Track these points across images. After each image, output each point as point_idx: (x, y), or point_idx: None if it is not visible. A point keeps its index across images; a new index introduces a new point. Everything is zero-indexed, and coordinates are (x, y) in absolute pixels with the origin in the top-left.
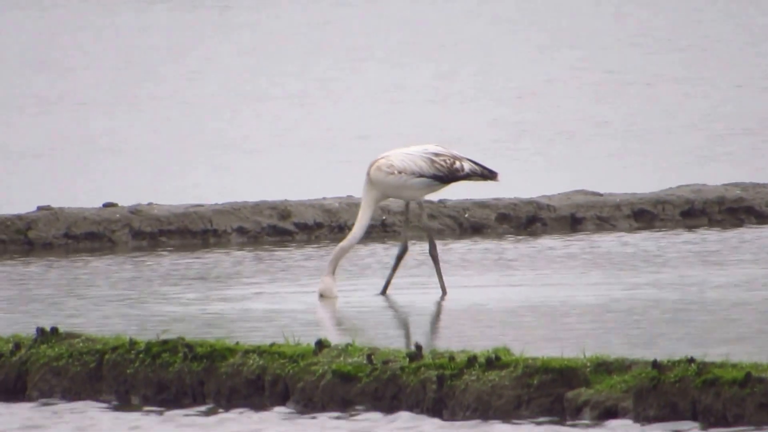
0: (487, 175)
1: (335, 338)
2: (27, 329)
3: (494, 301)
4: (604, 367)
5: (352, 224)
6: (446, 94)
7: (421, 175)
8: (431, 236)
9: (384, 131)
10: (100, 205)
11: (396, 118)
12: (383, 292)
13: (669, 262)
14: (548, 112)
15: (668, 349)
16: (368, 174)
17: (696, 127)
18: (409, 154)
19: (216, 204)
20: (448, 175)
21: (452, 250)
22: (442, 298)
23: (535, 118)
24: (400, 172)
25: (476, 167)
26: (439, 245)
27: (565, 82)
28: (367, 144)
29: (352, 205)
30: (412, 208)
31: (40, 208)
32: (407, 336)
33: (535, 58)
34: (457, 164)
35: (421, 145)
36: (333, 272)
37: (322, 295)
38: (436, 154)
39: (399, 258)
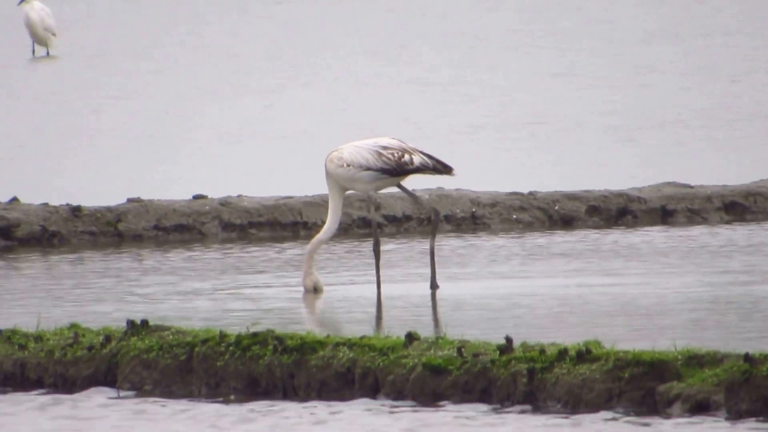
0: (440, 169)
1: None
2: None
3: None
4: (695, 361)
5: (443, 216)
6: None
7: (368, 168)
8: (375, 231)
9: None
10: (190, 197)
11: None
12: (433, 286)
13: (761, 255)
14: (636, 102)
15: (763, 342)
16: (325, 166)
17: None
18: (358, 147)
19: (306, 196)
20: (396, 169)
21: (550, 241)
22: (378, 292)
23: (623, 107)
24: (348, 165)
25: (427, 161)
26: (527, 238)
27: (656, 73)
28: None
29: (443, 197)
30: (369, 198)
31: (130, 200)
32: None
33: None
34: (406, 157)
35: (375, 138)
36: (311, 268)
37: (315, 290)
38: (385, 147)
39: (431, 251)
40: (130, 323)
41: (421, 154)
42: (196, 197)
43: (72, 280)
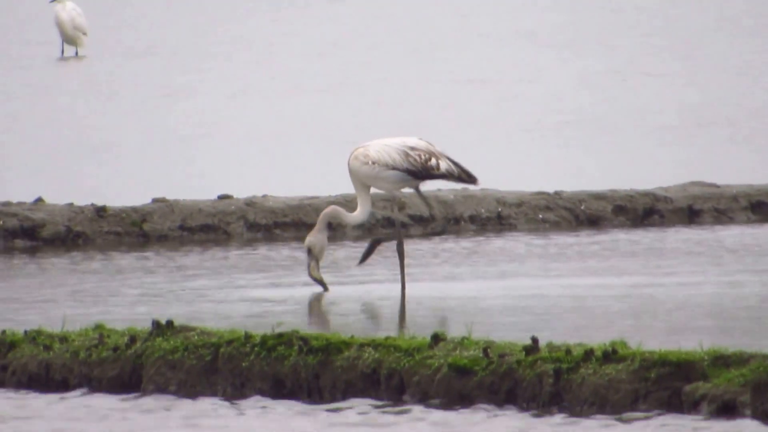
0: (465, 178)
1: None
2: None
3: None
4: (722, 361)
5: (468, 216)
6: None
7: (394, 168)
8: (399, 231)
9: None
10: (215, 197)
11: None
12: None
13: None
14: (660, 101)
15: None
16: (348, 162)
17: None
18: (386, 145)
19: (330, 196)
20: (421, 171)
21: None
22: (402, 292)
23: (650, 107)
24: (374, 163)
25: (453, 168)
26: (552, 238)
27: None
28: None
29: (468, 198)
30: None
31: (155, 200)
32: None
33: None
34: (433, 161)
35: (402, 137)
36: (322, 229)
37: (310, 249)
38: (412, 148)
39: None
40: (155, 324)
41: (447, 160)
42: (222, 197)
43: (97, 280)
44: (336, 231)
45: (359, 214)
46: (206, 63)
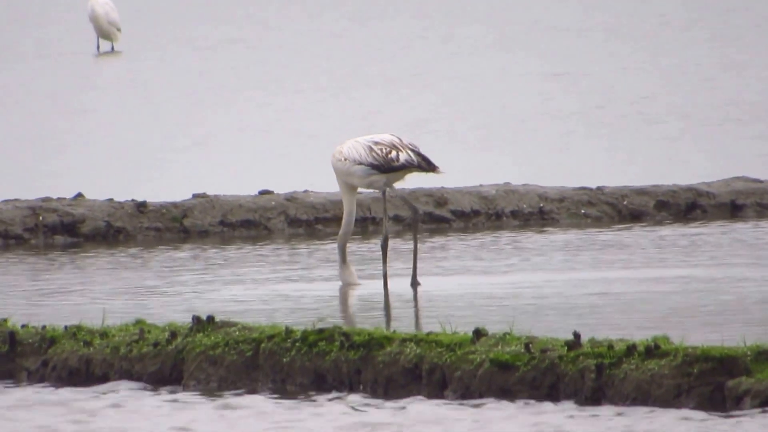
0: (425, 167)
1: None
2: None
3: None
4: (765, 356)
5: (510, 211)
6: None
7: (360, 163)
8: (385, 227)
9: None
10: (256, 193)
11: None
12: (384, 284)
13: None
14: (704, 96)
15: None
16: (330, 161)
17: None
18: (356, 141)
19: (374, 191)
20: (384, 164)
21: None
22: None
23: (692, 102)
24: (345, 159)
25: (413, 158)
26: (595, 232)
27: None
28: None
29: (510, 193)
30: (386, 196)
31: (195, 196)
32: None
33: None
34: (393, 154)
35: (376, 135)
36: (345, 261)
37: (346, 284)
38: (376, 143)
39: (383, 248)
40: (196, 319)
41: (410, 152)
42: (262, 192)
43: (138, 275)
44: (378, 225)
45: (345, 218)
46: (246, 58)
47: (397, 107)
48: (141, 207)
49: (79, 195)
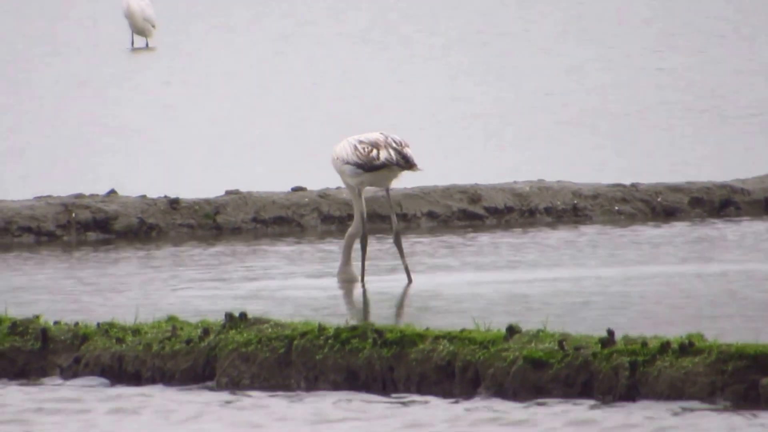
0: (403, 165)
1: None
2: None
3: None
4: None
5: (544, 208)
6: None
7: (347, 162)
8: (364, 224)
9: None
10: (289, 189)
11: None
12: (361, 279)
13: None
14: (738, 92)
15: None
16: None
17: None
18: (347, 140)
19: (405, 188)
20: (366, 164)
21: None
22: (408, 285)
23: (725, 98)
24: (337, 158)
25: (393, 157)
26: (631, 229)
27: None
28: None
29: (544, 189)
30: (391, 195)
31: (228, 192)
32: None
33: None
34: (374, 153)
35: (367, 133)
36: (348, 260)
37: (345, 282)
38: (360, 142)
39: (397, 244)
40: (229, 316)
41: (391, 150)
42: (295, 189)
43: (168, 272)
44: (410, 222)
45: (356, 218)
46: (277, 53)
47: (435, 104)
48: (174, 203)
49: (112, 191)
